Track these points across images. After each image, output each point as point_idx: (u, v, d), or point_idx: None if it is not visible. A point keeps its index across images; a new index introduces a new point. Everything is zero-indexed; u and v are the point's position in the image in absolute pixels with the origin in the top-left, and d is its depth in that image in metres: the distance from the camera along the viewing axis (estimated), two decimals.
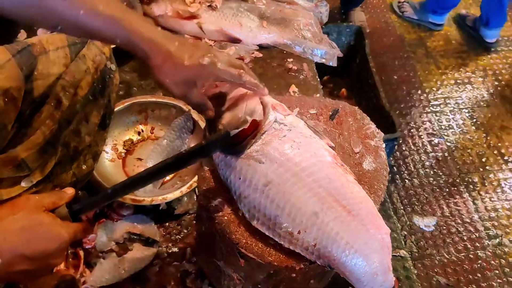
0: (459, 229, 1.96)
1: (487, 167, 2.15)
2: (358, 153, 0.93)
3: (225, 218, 0.82)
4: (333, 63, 1.60)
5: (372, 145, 0.95)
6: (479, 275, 1.84)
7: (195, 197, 1.25)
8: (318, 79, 1.55)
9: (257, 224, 0.78)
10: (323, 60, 1.60)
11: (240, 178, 0.79)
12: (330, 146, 0.92)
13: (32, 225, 0.65)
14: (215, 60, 0.72)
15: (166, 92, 1.43)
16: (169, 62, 0.71)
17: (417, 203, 2.03)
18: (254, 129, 0.79)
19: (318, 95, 1.49)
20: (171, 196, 1.16)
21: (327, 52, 1.59)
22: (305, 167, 0.78)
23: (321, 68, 1.67)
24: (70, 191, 0.74)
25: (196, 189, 1.20)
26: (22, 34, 1.48)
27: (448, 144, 2.20)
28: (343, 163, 0.83)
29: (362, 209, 0.77)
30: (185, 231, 1.20)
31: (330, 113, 0.99)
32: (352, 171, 0.91)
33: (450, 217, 1.99)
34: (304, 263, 0.78)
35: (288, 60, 1.59)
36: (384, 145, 0.95)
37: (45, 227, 0.66)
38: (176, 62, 0.71)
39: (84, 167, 0.97)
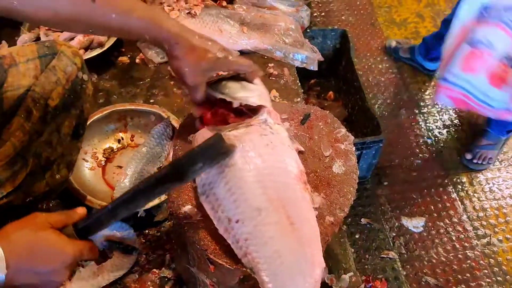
0: (447, 229, 1.96)
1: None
2: (328, 156, 0.94)
3: (194, 224, 0.83)
4: (314, 67, 1.61)
5: (342, 148, 0.95)
6: (468, 275, 1.83)
7: None
8: (299, 84, 1.56)
9: (204, 201, 0.80)
10: (304, 65, 1.60)
11: None
12: (300, 151, 0.93)
13: (37, 241, 0.67)
14: (227, 53, 0.82)
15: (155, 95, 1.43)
16: (192, 54, 0.78)
17: (405, 204, 2.03)
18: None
19: (298, 99, 1.50)
20: (149, 203, 1.16)
21: (308, 56, 1.60)
22: (269, 166, 0.80)
23: (308, 72, 1.67)
24: (80, 211, 0.75)
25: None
26: (4, 45, 1.49)
27: (436, 144, 2.21)
28: (307, 184, 0.84)
29: (305, 228, 0.77)
30: (165, 237, 1.21)
31: (302, 118, 1.00)
32: (322, 174, 0.92)
33: (439, 217, 1.99)
34: None
35: (269, 65, 1.60)
36: (354, 148, 0.96)
37: (49, 243, 0.67)
38: (198, 54, 0.79)
39: (57, 176, 0.98)
